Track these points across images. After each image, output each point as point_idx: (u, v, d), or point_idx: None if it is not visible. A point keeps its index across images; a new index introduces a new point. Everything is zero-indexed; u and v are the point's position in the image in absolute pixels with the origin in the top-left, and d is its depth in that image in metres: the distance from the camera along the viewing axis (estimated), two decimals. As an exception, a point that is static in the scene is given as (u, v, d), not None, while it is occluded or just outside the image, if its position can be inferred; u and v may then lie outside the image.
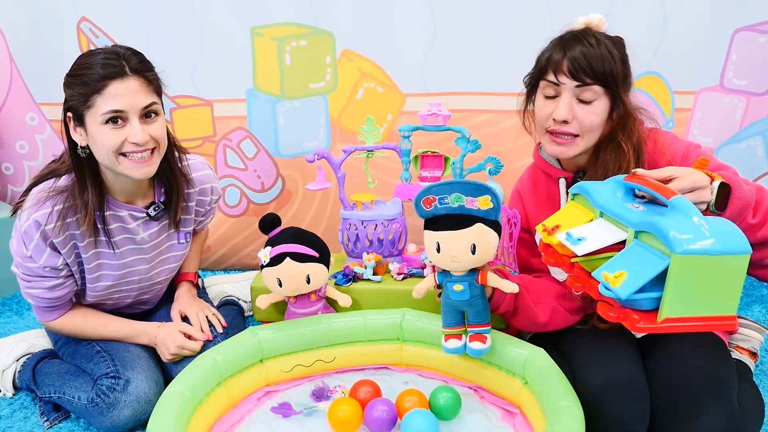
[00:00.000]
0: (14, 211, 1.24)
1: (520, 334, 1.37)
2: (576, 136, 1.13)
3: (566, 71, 1.10)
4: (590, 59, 1.08)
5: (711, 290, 0.80)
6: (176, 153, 1.29)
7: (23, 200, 1.21)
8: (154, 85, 1.17)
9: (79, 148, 1.17)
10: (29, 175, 1.94)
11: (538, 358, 1.18)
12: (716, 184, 0.94)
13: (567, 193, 1.21)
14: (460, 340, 1.18)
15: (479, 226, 1.12)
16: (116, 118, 1.12)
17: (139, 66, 1.15)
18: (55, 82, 1.75)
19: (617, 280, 0.83)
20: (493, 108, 1.76)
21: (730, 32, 1.67)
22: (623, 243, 0.90)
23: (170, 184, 1.29)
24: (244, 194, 1.91)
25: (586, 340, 1.15)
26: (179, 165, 1.29)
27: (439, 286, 1.19)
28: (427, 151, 1.54)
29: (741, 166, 1.71)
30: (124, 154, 1.15)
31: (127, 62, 1.13)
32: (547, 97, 1.14)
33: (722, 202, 0.95)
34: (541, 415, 1.10)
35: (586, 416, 1.03)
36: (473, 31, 1.71)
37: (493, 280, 1.15)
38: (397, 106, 1.80)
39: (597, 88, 1.09)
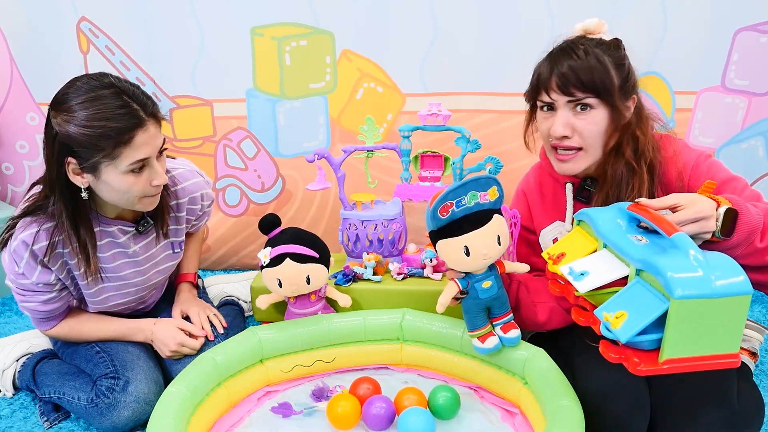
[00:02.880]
0: (3, 243, 1.19)
1: (520, 335, 1.37)
2: (580, 149, 1.12)
3: (556, 88, 1.09)
4: (578, 72, 1.07)
5: (712, 330, 0.80)
6: None
7: (11, 228, 1.18)
8: (161, 122, 1.15)
9: (83, 191, 1.14)
10: (29, 175, 1.94)
11: (538, 358, 1.18)
12: (722, 210, 0.93)
13: (574, 198, 1.21)
14: (495, 336, 1.19)
15: (497, 217, 1.14)
16: (141, 167, 1.12)
17: (153, 109, 1.12)
18: (55, 82, 1.74)
19: (618, 321, 0.83)
20: (493, 108, 1.76)
21: (732, 32, 1.67)
22: (626, 277, 0.90)
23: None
24: (244, 194, 1.91)
25: (586, 342, 1.15)
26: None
27: (463, 292, 1.17)
28: (427, 151, 1.54)
29: (742, 166, 1.72)
30: (145, 196, 1.16)
31: (142, 107, 1.10)
32: (546, 113, 1.14)
33: (729, 227, 0.94)
34: (541, 415, 1.10)
35: (586, 418, 1.02)
36: (473, 32, 1.71)
37: (509, 265, 1.19)
38: (397, 106, 1.80)
39: (591, 99, 1.08)
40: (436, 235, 1.14)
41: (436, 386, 1.21)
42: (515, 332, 1.18)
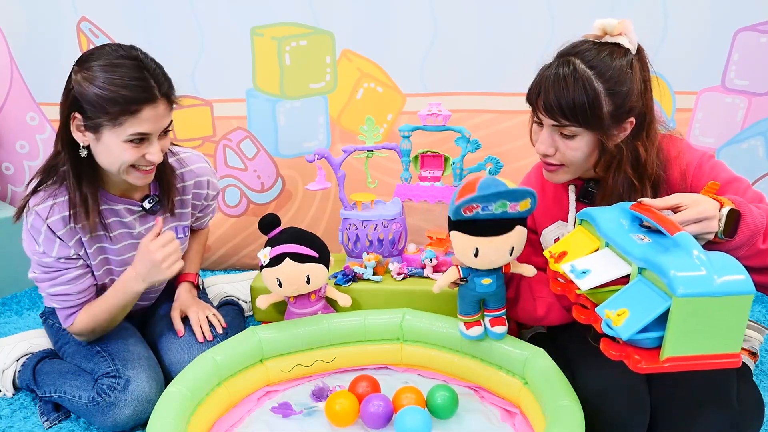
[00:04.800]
0: (19, 214, 1.21)
1: (520, 335, 1.37)
2: (562, 165, 1.13)
3: (541, 110, 1.08)
4: (562, 102, 1.04)
5: (714, 329, 0.80)
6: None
7: (27, 200, 1.21)
8: (173, 105, 1.19)
9: (81, 147, 1.17)
10: (29, 175, 1.94)
11: (538, 358, 1.18)
12: (725, 211, 0.93)
13: (576, 200, 1.21)
14: (481, 326, 1.20)
15: (518, 229, 1.13)
16: (140, 139, 1.14)
17: (168, 91, 1.16)
18: (55, 82, 1.74)
19: (619, 318, 0.83)
20: (494, 108, 1.76)
21: (732, 32, 1.67)
22: (628, 276, 0.90)
23: (161, 176, 1.29)
24: (244, 194, 1.91)
25: (586, 342, 1.15)
26: (169, 158, 1.30)
27: (462, 279, 1.18)
28: (427, 151, 1.54)
29: (742, 166, 1.71)
30: (134, 166, 1.17)
31: (159, 86, 1.13)
32: (536, 126, 1.14)
33: (731, 228, 0.94)
34: (541, 415, 1.10)
35: (586, 418, 1.02)
36: (473, 32, 1.71)
37: (516, 266, 1.20)
38: (397, 106, 1.80)
39: (575, 128, 1.07)
40: (453, 224, 1.14)
41: (435, 386, 1.21)
42: (501, 328, 1.20)
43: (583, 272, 0.93)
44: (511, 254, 1.14)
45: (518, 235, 1.13)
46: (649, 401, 1.04)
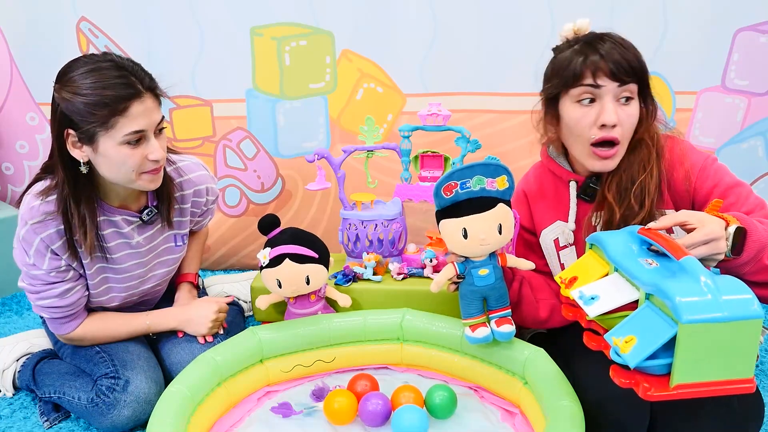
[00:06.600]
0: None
1: (520, 335, 1.37)
2: (617, 143, 1.10)
3: (607, 73, 1.06)
4: (628, 59, 1.06)
5: (723, 355, 0.79)
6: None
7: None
8: (160, 99, 1.18)
9: (82, 165, 1.15)
10: (29, 175, 1.94)
11: (539, 358, 1.18)
12: (732, 229, 0.93)
13: (577, 196, 1.21)
14: (487, 327, 1.19)
15: (501, 206, 1.13)
16: (137, 139, 1.13)
17: (151, 84, 1.15)
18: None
19: (627, 345, 0.82)
20: (494, 108, 1.76)
21: (732, 32, 1.67)
22: (638, 302, 0.89)
23: (160, 187, 1.27)
24: (243, 194, 1.91)
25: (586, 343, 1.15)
26: (168, 167, 1.29)
27: (459, 276, 1.18)
28: (427, 151, 1.54)
29: (742, 166, 1.72)
30: (143, 171, 1.16)
31: (140, 80, 1.13)
32: (585, 106, 1.09)
33: (738, 246, 0.94)
34: (541, 415, 1.10)
35: (586, 419, 1.02)
36: (473, 32, 1.71)
37: (512, 260, 1.19)
38: (397, 107, 1.80)
39: (633, 87, 1.08)
40: (440, 215, 1.15)
41: (433, 385, 1.21)
42: (508, 327, 1.18)
43: (592, 298, 0.92)
44: (500, 233, 1.13)
45: (502, 212, 1.13)
46: (649, 403, 1.04)
